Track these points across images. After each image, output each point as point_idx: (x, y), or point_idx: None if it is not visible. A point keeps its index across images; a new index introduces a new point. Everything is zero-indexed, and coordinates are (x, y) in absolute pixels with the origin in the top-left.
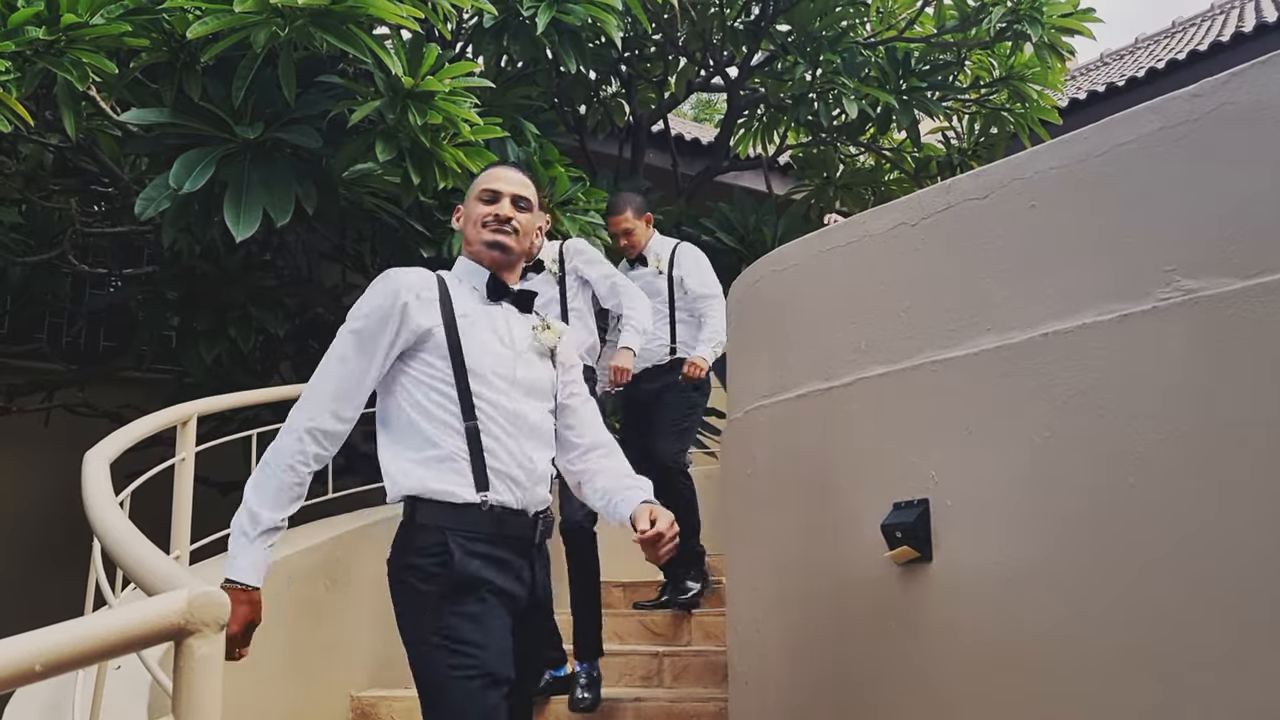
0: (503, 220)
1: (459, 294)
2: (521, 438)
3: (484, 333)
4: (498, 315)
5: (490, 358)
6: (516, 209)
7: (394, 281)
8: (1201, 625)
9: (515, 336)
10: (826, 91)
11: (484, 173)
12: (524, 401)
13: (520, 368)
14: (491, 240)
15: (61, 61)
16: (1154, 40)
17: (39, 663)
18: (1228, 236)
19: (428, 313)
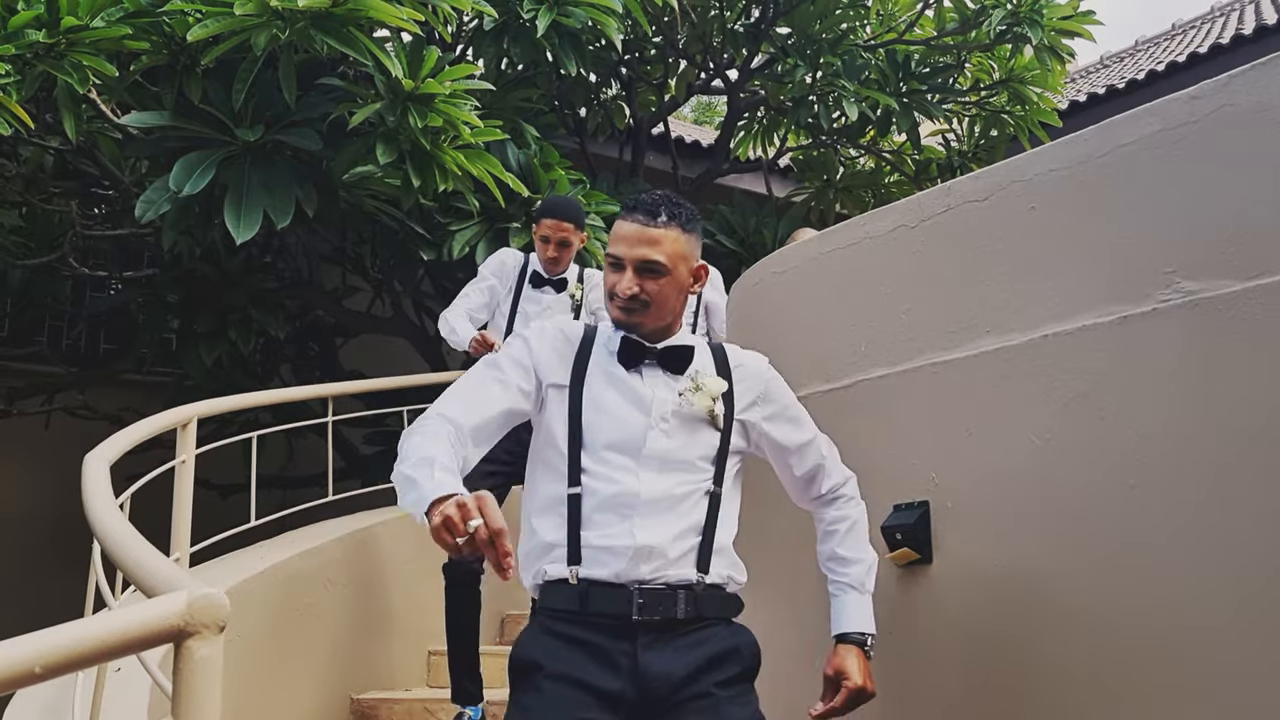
0: (626, 297)
1: (600, 353)
2: (647, 517)
3: (610, 403)
4: (635, 381)
5: (610, 429)
6: (642, 277)
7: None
8: (1201, 625)
9: (659, 402)
10: (826, 94)
11: (617, 220)
12: (657, 479)
13: (654, 439)
14: (615, 319)
15: (62, 64)
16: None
17: (39, 664)
18: (1228, 238)
19: (558, 365)
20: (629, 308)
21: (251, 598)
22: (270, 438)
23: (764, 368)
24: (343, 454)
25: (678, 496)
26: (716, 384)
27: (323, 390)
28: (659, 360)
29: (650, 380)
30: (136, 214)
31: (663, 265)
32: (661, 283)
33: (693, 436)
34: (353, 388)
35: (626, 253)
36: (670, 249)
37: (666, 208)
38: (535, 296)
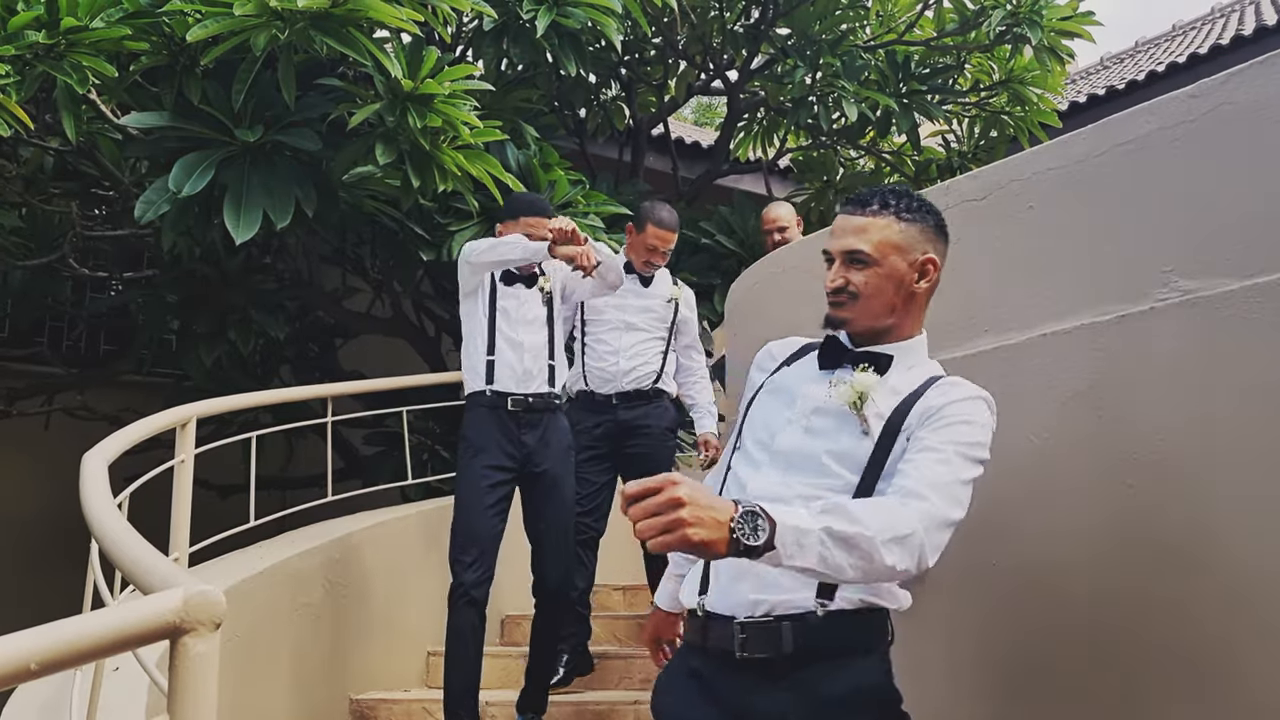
0: (831, 290)
1: (809, 356)
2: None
3: (771, 397)
4: (810, 378)
5: (758, 421)
6: (849, 268)
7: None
8: (1200, 624)
9: (808, 396)
10: (826, 95)
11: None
12: (775, 476)
13: (789, 434)
14: (826, 317)
15: (61, 65)
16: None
17: (34, 660)
18: (1225, 237)
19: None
20: (836, 301)
21: (250, 597)
22: (270, 438)
23: (966, 392)
24: (342, 454)
25: (796, 500)
26: (867, 378)
27: (322, 390)
28: (854, 362)
29: (828, 379)
30: (136, 215)
31: (868, 255)
32: (868, 274)
33: (835, 436)
34: (352, 388)
35: (832, 244)
36: (879, 237)
37: (880, 197)
38: (510, 293)
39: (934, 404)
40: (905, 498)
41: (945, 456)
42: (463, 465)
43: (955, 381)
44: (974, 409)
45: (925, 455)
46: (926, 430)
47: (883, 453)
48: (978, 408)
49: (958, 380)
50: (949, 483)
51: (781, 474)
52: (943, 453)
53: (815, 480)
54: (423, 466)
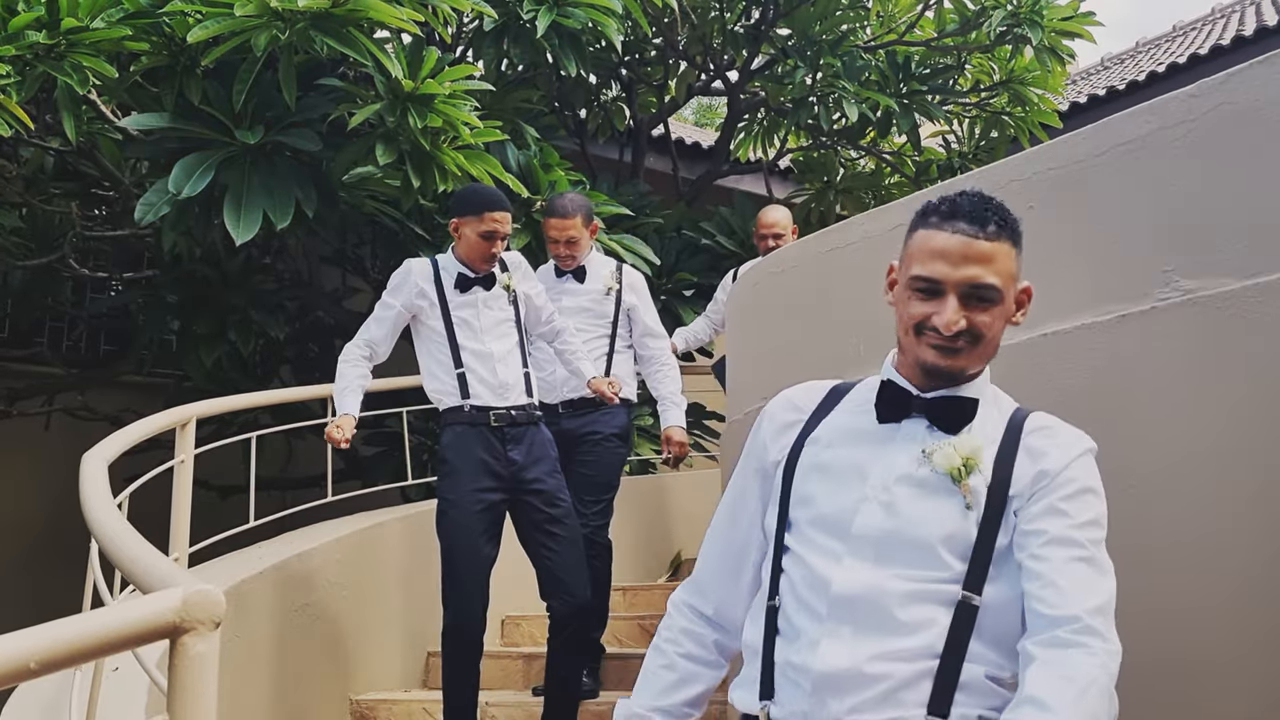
0: (950, 334)
1: (847, 405)
2: (841, 625)
3: (830, 465)
4: (874, 438)
5: (822, 500)
6: (971, 307)
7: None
8: (1200, 627)
9: (886, 465)
10: (827, 95)
11: (921, 229)
12: (865, 571)
13: (869, 514)
14: (928, 362)
15: (62, 65)
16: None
17: (34, 660)
18: (1226, 237)
19: (780, 440)
20: (952, 348)
21: (250, 598)
22: (270, 439)
23: (1074, 444)
24: (342, 455)
25: (897, 597)
26: (972, 440)
27: (322, 391)
28: (928, 412)
29: (904, 438)
30: (136, 216)
31: (997, 290)
32: (994, 314)
33: (933, 515)
34: None
35: (949, 274)
36: (1003, 268)
37: (996, 214)
38: (466, 301)
39: (1049, 467)
40: (1071, 633)
41: (1089, 555)
42: (445, 491)
43: (1051, 425)
44: (1092, 469)
45: (1066, 555)
46: (1047, 509)
47: (991, 531)
48: (1093, 466)
49: (1050, 421)
50: (1107, 598)
51: (872, 568)
52: (1085, 550)
53: (917, 572)
54: (423, 467)
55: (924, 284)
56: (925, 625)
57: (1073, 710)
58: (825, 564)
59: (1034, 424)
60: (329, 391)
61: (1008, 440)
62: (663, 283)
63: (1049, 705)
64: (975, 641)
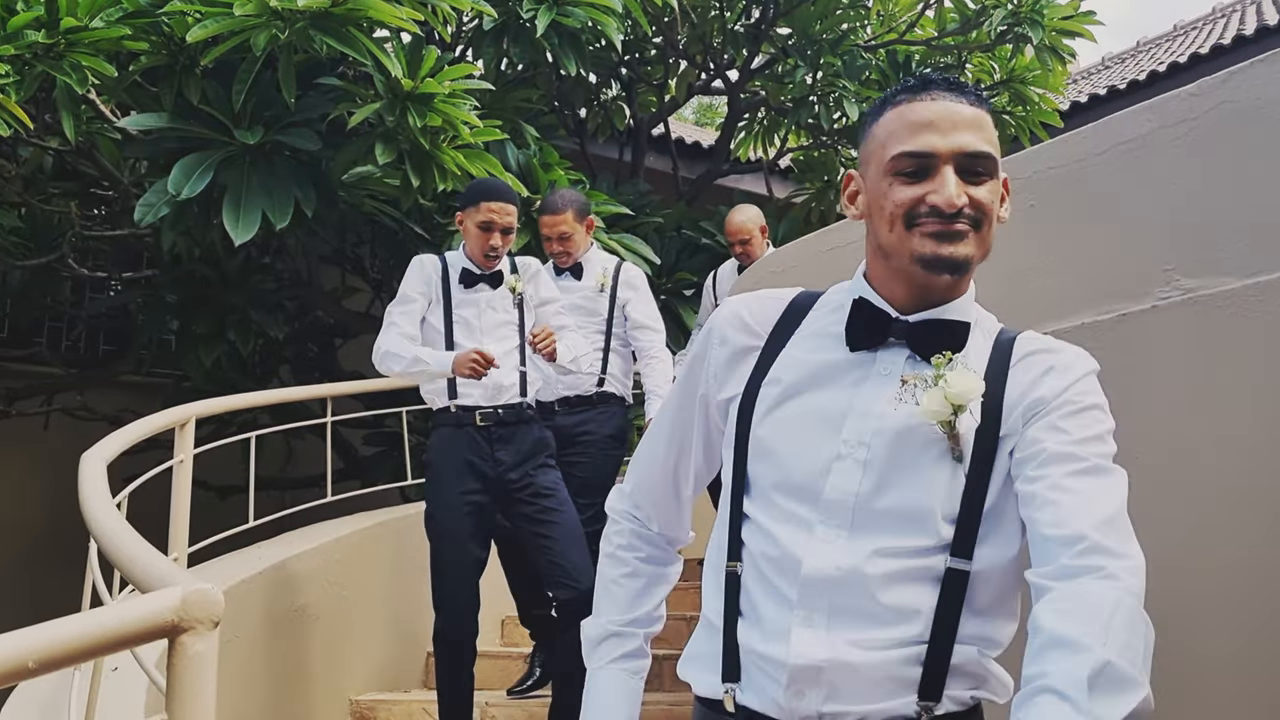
0: (951, 212)
1: (811, 328)
2: (814, 612)
3: (795, 413)
4: (846, 374)
5: (787, 457)
6: (969, 181)
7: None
8: (1201, 623)
9: (861, 411)
10: (827, 94)
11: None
12: (841, 544)
13: (844, 475)
14: (929, 255)
15: (61, 65)
16: (1155, 43)
17: (32, 659)
18: (1227, 235)
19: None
20: (954, 232)
21: (250, 598)
22: (269, 438)
23: (1075, 362)
24: (341, 455)
25: (879, 579)
26: (967, 381)
27: (322, 391)
28: (910, 340)
29: (880, 374)
30: (136, 217)
31: (993, 160)
32: (992, 190)
33: (916, 473)
34: (351, 388)
35: (940, 143)
36: (992, 137)
37: (969, 86)
38: (469, 299)
39: (1045, 394)
40: (1079, 556)
41: (1094, 465)
42: (431, 494)
43: (1046, 346)
44: (1096, 389)
45: (1065, 470)
46: (1045, 429)
47: (981, 483)
48: (1097, 386)
49: (1043, 342)
50: (1116, 508)
51: (848, 540)
52: (1088, 461)
53: (903, 543)
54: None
55: (911, 161)
56: (911, 607)
57: (1103, 646)
58: (793, 537)
59: (1025, 347)
60: (328, 391)
61: (995, 369)
62: (663, 282)
63: (1076, 643)
64: (967, 616)
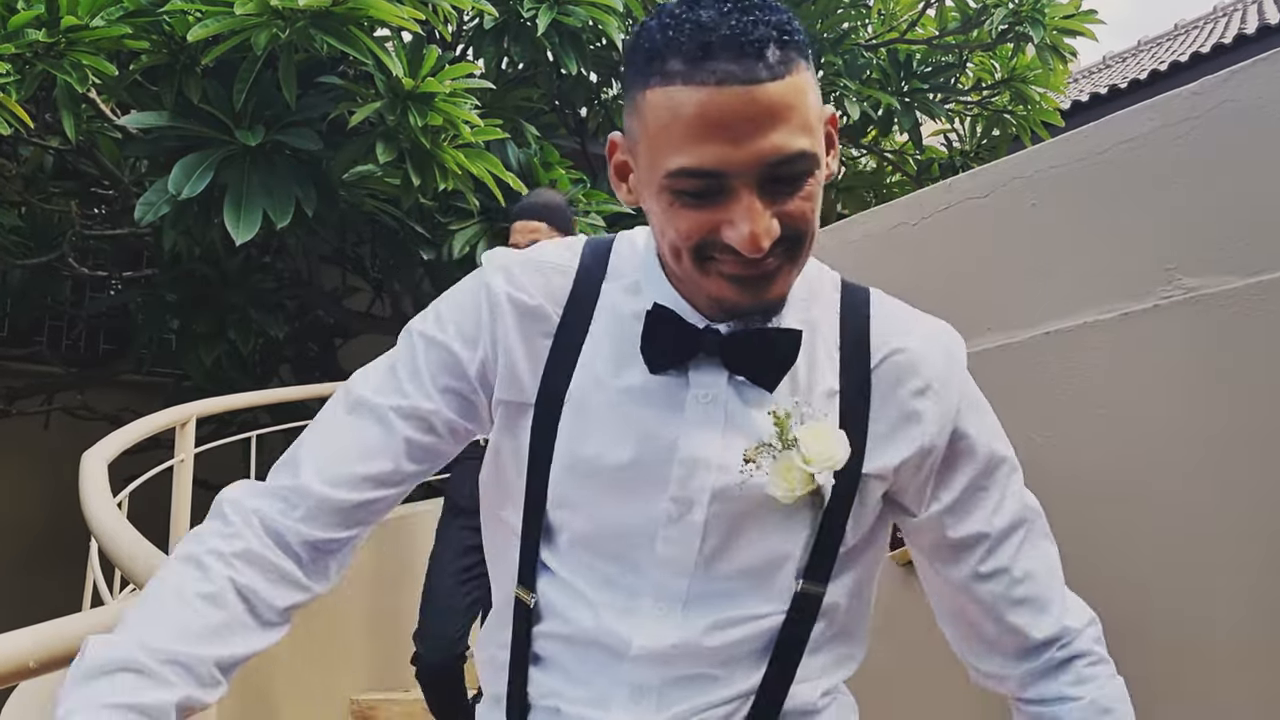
0: (761, 252)
1: (612, 322)
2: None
3: (600, 431)
4: (659, 397)
5: (596, 507)
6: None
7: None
8: (1203, 621)
9: (689, 459)
10: (828, 93)
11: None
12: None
13: (677, 540)
14: (729, 300)
15: (61, 64)
16: (1156, 42)
17: (33, 659)
18: (1229, 234)
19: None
20: (762, 274)
21: None
22: (269, 438)
23: (942, 363)
24: None
25: (720, 653)
26: (825, 443)
27: (322, 390)
28: (727, 359)
29: (700, 402)
30: (136, 216)
31: (811, 157)
32: (813, 193)
33: (765, 529)
34: None
35: (733, 155)
36: (806, 114)
37: (766, 25)
38: None
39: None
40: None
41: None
42: (439, 526)
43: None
44: (972, 387)
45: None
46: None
47: (839, 525)
48: (970, 380)
49: (900, 337)
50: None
51: (682, 613)
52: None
53: (744, 611)
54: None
55: (696, 183)
56: (748, 668)
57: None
58: (614, 609)
59: (883, 339)
60: (328, 391)
61: (853, 375)
62: None
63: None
64: (809, 658)
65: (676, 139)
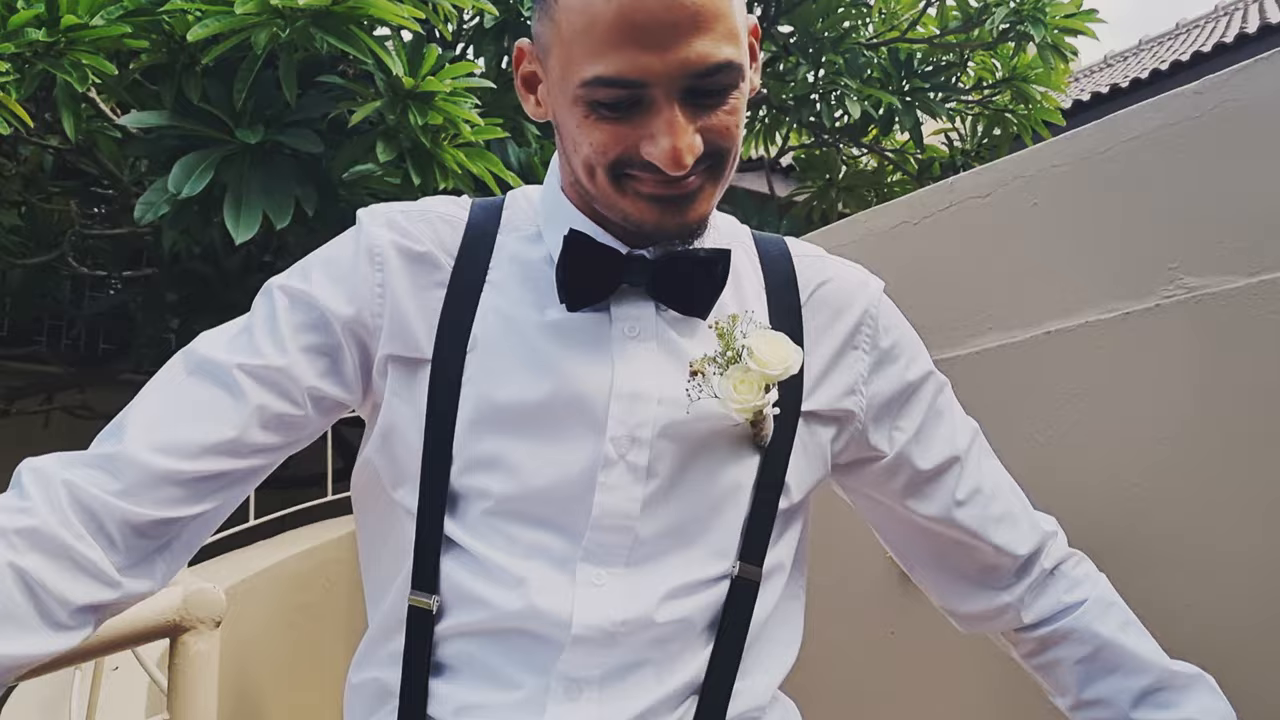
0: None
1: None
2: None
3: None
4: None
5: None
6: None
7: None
8: (1200, 626)
9: (628, 395)
10: (829, 92)
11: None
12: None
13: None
14: (649, 221)
15: (61, 63)
16: (1157, 42)
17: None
18: (1231, 234)
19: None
20: (683, 195)
21: (249, 597)
22: None
23: (872, 289)
24: (342, 454)
25: (673, 627)
26: (777, 348)
27: None
28: (654, 286)
29: (627, 336)
30: (136, 216)
31: (736, 68)
32: (737, 106)
33: (713, 470)
34: None
35: (656, 64)
36: (730, 20)
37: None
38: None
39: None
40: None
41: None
42: None
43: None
44: (897, 316)
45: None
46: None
47: (778, 473)
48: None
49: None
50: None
51: (625, 577)
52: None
53: (702, 572)
54: None
55: (614, 93)
56: (691, 654)
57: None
58: (545, 583)
59: (808, 275)
60: None
61: (781, 307)
62: None
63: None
64: (752, 641)
65: (592, 45)
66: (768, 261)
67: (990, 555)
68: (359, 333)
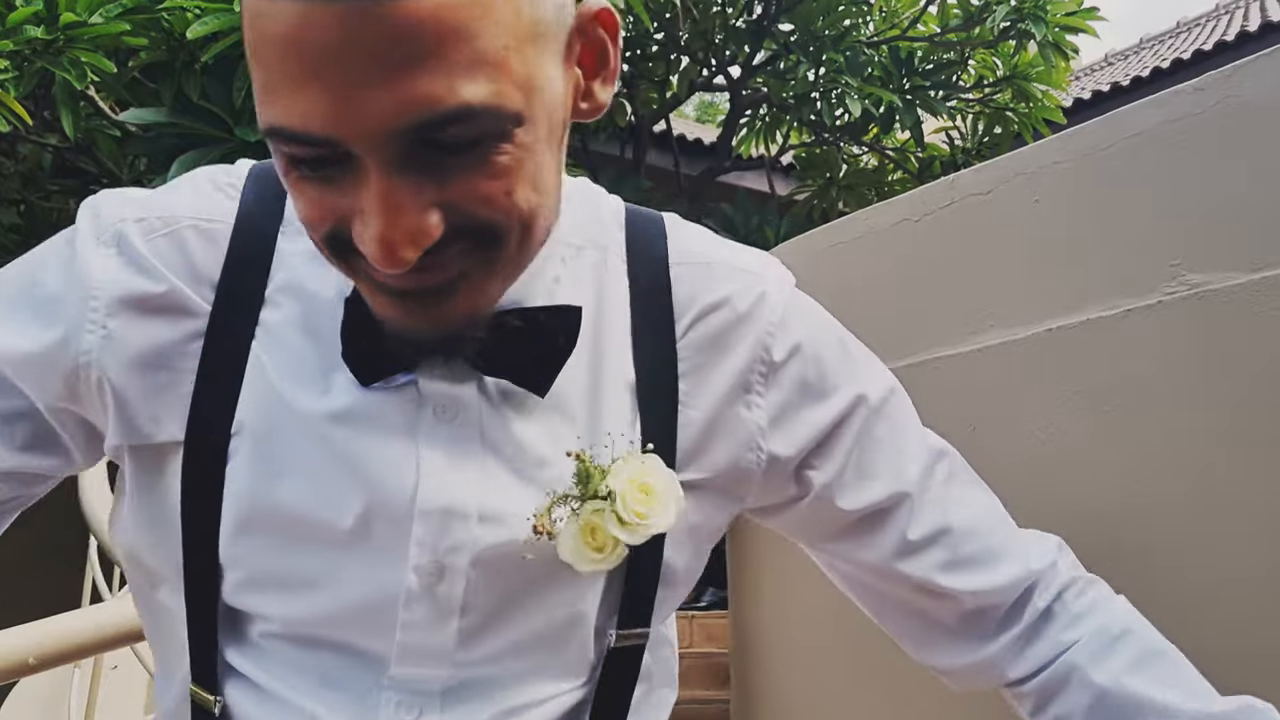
0: (405, 262)
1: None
2: None
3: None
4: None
5: (299, 578)
6: (451, 177)
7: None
8: (1204, 627)
9: (442, 504)
10: (829, 91)
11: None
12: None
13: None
14: (398, 329)
15: (60, 61)
16: (1159, 40)
17: (33, 655)
18: (1233, 230)
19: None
20: (435, 288)
21: None
22: None
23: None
24: None
25: None
26: (656, 503)
27: None
28: (482, 354)
29: (442, 422)
30: None
31: (493, 110)
32: (516, 161)
33: (545, 605)
34: None
35: (343, 113)
36: (486, 20)
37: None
38: None
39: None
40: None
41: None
42: None
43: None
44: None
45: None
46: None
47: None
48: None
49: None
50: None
51: (452, 711)
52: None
53: (526, 697)
54: None
55: (299, 149)
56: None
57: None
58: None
59: (690, 304)
60: None
61: (651, 357)
62: None
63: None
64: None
65: (267, 78)
66: (640, 281)
67: (968, 601)
68: (68, 408)
